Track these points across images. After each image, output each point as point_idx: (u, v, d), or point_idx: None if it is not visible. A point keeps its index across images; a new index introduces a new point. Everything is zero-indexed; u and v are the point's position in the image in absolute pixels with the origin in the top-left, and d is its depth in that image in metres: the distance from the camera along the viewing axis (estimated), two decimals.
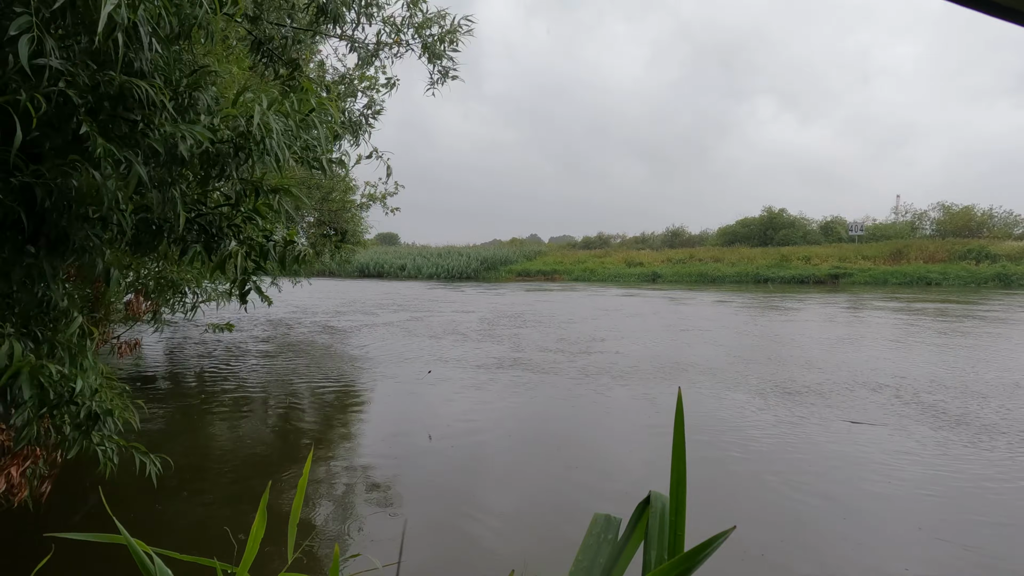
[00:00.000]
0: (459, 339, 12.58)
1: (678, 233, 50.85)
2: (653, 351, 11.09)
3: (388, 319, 16.45)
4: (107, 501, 1.56)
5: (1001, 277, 30.36)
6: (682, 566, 0.70)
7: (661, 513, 0.85)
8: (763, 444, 5.88)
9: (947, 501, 4.61)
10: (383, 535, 4.02)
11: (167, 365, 9.94)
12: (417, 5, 5.71)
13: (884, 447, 5.74)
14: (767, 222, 44.76)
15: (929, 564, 3.72)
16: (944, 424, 6.48)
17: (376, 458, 5.53)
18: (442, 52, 5.76)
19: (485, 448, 5.83)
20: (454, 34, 5.76)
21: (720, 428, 6.36)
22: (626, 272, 40.03)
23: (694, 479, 4.18)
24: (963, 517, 4.35)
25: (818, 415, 6.84)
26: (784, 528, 4.21)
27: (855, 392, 7.90)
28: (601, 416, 6.96)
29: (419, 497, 4.68)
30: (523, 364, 9.79)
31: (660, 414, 6.88)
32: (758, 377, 8.79)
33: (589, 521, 0.94)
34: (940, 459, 5.44)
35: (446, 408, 7.20)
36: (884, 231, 40.94)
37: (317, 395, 7.94)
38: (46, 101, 2.14)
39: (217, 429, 6.52)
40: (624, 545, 0.87)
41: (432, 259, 44.32)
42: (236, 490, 4.71)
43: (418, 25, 5.76)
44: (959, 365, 9.60)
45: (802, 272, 35.18)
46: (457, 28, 5.77)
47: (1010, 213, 39.11)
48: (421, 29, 5.78)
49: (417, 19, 5.75)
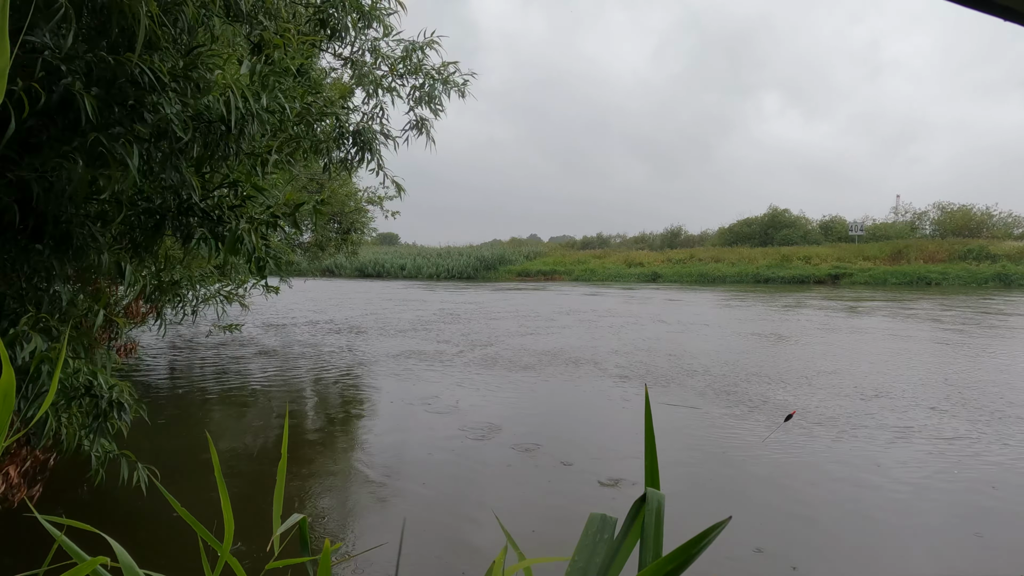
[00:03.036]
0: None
1: (677, 233, 50.90)
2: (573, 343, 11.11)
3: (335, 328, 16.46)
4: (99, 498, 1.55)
5: (1001, 277, 30.36)
6: (676, 560, 0.70)
7: (657, 511, 0.85)
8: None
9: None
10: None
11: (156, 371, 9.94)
12: (410, 57, 5.61)
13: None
14: (768, 222, 44.78)
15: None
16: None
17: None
18: (434, 97, 5.68)
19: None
20: (446, 84, 5.72)
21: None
22: (626, 272, 40.03)
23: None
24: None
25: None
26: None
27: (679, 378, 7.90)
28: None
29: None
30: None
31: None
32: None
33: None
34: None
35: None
36: (884, 231, 40.94)
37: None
38: (46, 91, 2.13)
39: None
40: (620, 544, 0.86)
41: (432, 259, 44.33)
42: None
43: (411, 70, 5.66)
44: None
45: (802, 272, 35.18)
46: (451, 82, 5.72)
47: (1010, 213, 39.16)
48: (415, 74, 5.68)
49: (411, 65, 5.65)
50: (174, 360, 10.41)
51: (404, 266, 43.67)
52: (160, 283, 6.27)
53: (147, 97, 2.48)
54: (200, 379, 8.85)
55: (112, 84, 2.42)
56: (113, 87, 2.43)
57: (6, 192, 2.38)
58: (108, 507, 4.33)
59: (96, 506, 4.31)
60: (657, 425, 4.88)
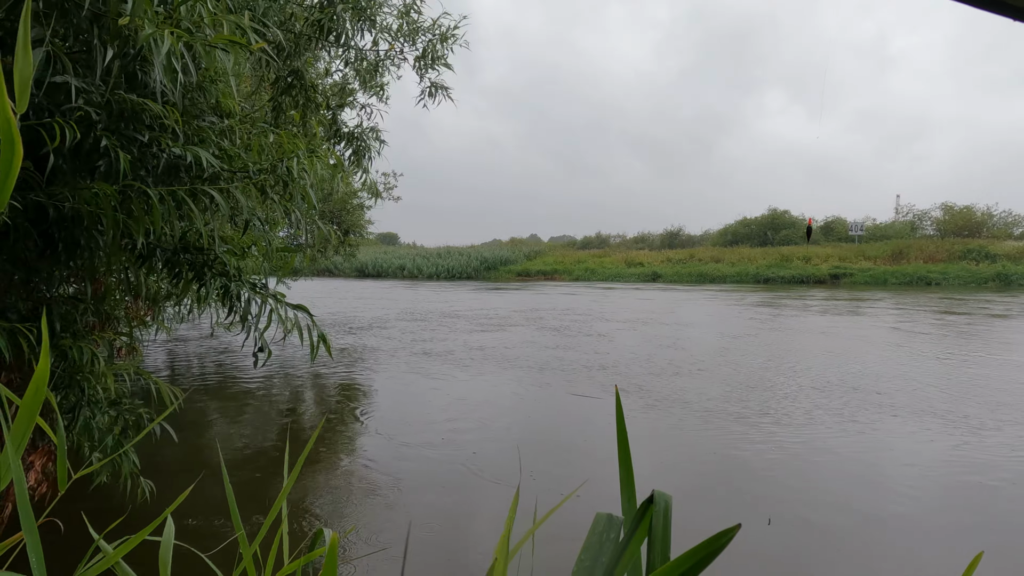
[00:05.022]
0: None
1: (677, 233, 50.99)
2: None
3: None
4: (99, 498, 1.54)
5: (1001, 277, 30.39)
6: (684, 565, 0.69)
7: (664, 513, 0.84)
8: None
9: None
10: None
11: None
12: (408, 15, 5.65)
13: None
14: (768, 222, 44.82)
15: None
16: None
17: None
18: (438, 57, 5.70)
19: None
20: (446, 41, 5.71)
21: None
22: (626, 272, 40.07)
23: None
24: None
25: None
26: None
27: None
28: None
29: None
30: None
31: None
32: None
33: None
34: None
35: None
36: (884, 231, 40.99)
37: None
38: (72, 126, 2.13)
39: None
40: (626, 545, 0.86)
41: (432, 259, 44.33)
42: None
43: (409, 32, 5.69)
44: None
45: (802, 272, 35.21)
46: (449, 35, 5.72)
47: (1010, 213, 39.21)
48: (413, 36, 5.71)
49: (406, 29, 5.67)
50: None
51: (404, 266, 43.65)
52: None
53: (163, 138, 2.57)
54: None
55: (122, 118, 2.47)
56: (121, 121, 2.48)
57: (23, 213, 2.39)
58: (107, 507, 4.32)
59: (95, 506, 4.30)
60: (569, 413, 5.68)
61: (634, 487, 0.89)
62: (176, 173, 2.67)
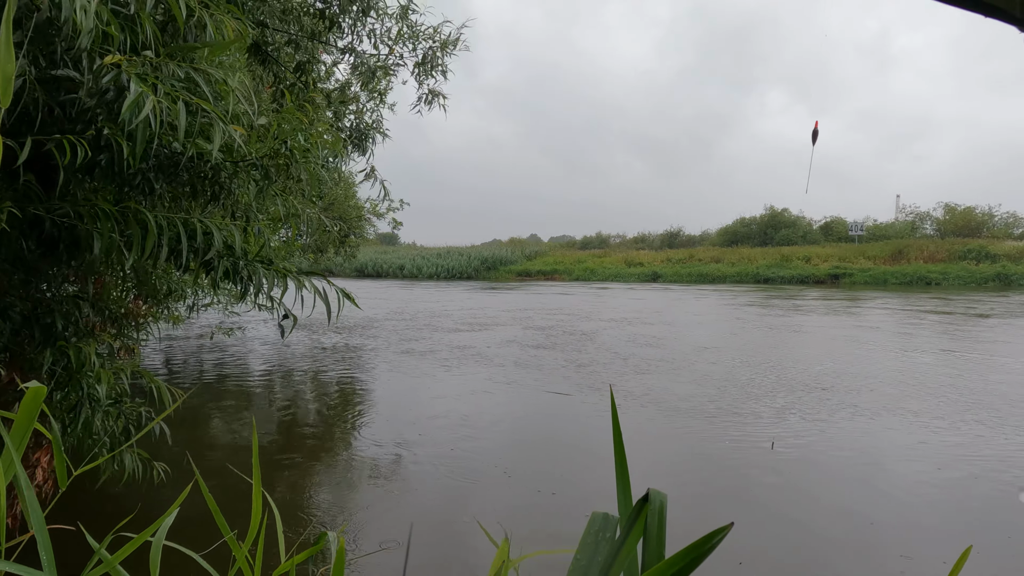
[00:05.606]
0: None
1: (677, 233, 51.00)
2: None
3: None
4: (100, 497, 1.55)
5: (1001, 277, 30.39)
6: (678, 564, 0.70)
7: (659, 511, 0.85)
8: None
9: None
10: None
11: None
12: (407, 18, 5.63)
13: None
14: (768, 222, 44.79)
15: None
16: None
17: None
18: (438, 64, 5.68)
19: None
20: (446, 48, 5.70)
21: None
22: (626, 272, 40.05)
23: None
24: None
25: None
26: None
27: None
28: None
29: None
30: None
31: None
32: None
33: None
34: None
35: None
36: (884, 231, 40.96)
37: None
38: (83, 143, 2.12)
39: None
40: (622, 543, 0.87)
41: (431, 259, 44.29)
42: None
43: (410, 36, 5.67)
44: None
45: (802, 272, 35.20)
46: (450, 43, 5.70)
47: (1011, 213, 39.21)
48: (414, 41, 5.69)
49: (407, 33, 5.66)
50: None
51: (403, 266, 43.63)
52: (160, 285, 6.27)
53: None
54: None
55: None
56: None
57: (20, 225, 2.39)
58: (109, 506, 4.33)
59: (97, 504, 4.31)
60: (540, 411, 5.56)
61: (629, 486, 0.90)
62: (176, 168, 2.66)
